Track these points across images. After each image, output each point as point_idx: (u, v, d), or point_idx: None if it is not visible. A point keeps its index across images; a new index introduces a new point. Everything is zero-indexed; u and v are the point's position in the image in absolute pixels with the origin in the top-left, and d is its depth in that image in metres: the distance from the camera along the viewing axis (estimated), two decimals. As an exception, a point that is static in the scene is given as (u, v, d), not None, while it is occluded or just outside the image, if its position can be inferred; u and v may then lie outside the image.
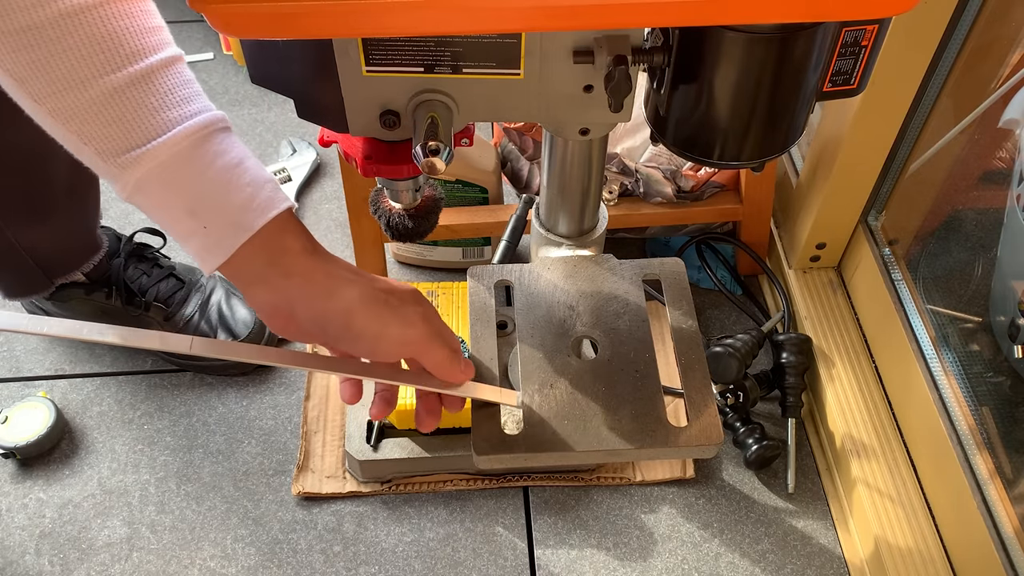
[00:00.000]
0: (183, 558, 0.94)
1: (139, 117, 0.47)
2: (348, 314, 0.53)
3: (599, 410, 0.61)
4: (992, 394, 0.88)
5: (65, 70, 0.45)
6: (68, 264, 1.00)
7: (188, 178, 0.49)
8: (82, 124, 0.47)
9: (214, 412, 1.05)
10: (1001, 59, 0.88)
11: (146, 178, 0.48)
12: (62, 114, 0.46)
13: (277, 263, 0.51)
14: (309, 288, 0.52)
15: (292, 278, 0.52)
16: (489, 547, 0.95)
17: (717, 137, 0.55)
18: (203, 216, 0.49)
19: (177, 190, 0.49)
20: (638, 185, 1.05)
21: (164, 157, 0.48)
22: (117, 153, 0.47)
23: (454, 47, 0.53)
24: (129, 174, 0.48)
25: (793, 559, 0.95)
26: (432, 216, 0.67)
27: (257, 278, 0.52)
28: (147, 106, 0.47)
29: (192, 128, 0.48)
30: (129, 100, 0.46)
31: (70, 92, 0.46)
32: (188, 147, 0.48)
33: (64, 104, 0.46)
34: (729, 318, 1.15)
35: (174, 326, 1.05)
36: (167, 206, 0.49)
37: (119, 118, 0.47)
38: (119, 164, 0.47)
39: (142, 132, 0.47)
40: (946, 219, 1.03)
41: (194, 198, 0.49)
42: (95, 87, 0.46)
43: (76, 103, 0.46)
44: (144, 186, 0.48)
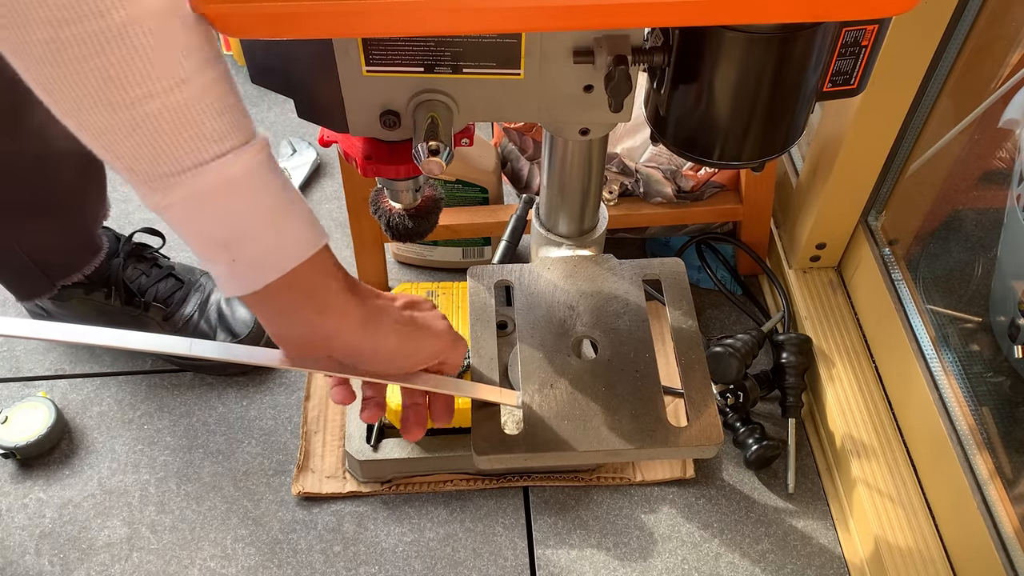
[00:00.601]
0: (183, 558, 0.94)
1: (174, 145, 0.44)
2: (384, 343, 0.55)
3: (599, 410, 0.61)
4: (992, 394, 0.88)
5: (96, 86, 0.42)
6: (71, 266, 1.00)
7: (221, 211, 0.46)
8: (113, 143, 0.44)
9: (214, 412, 1.05)
10: (1001, 59, 0.88)
11: (177, 204, 0.45)
12: (91, 130, 0.43)
13: (310, 300, 0.51)
14: (344, 324, 0.53)
15: (327, 315, 0.52)
16: (489, 547, 0.95)
17: (717, 137, 0.55)
18: (234, 250, 0.47)
19: (209, 221, 0.46)
20: (638, 185, 1.05)
21: (199, 187, 0.45)
22: (148, 177, 0.44)
23: (454, 47, 0.53)
24: (159, 197, 0.45)
25: (793, 559, 0.95)
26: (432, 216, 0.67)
27: (286, 312, 0.52)
28: (183, 133, 0.44)
29: (231, 160, 0.45)
30: (164, 124, 0.43)
31: (100, 110, 0.42)
32: (224, 180, 0.45)
33: (93, 121, 0.43)
34: (729, 318, 1.15)
35: (173, 326, 1.05)
36: (196, 233, 0.47)
37: (151, 142, 0.43)
38: (151, 186, 0.45)
39: (176, 160, 0.44)
40: (946, 219, 1.03)
41: (226, 232, 0.47)
42: (130, 109, 0.42)
43: (108, 122, 0.43)
44: (174, 210, 0.46)
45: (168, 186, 0.44)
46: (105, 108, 0.42)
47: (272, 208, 0.47)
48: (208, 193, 0.45)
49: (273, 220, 0.47)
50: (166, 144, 0.43)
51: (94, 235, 1.01)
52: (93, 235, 1.01)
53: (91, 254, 1.01)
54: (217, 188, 0.45)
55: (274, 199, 0.47)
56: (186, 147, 0.44)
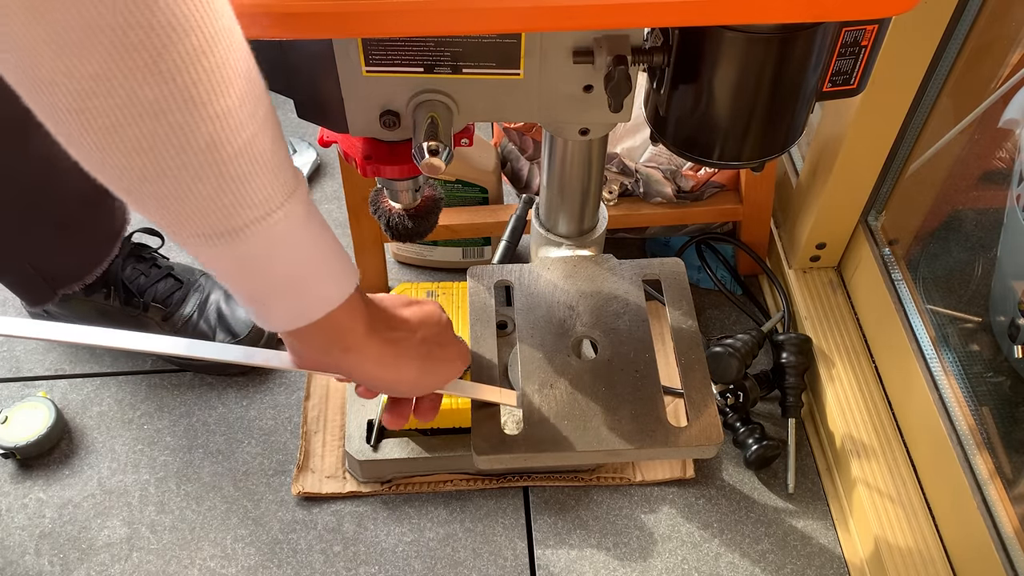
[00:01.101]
0: (183, 558, 0.94)
1: (211, 216, 0.41)
2: (403, 377, 0.57)
3: (599, 410, 0.61)
4: (992, 394, 0.88)
5: (135, 136, 0.38)
6: (73, 276, 0.99)
7: (254, 270, 0.45)
8: (135, 201, 0.41)
9: (214, 412, 1.05)
10: (1001, 59, 0.88)
11: (212, 261, 0.44)
12: (112, 184, 0.41)
13: (336, 341, 0.52)
14: (366, 361, 0.55)
15: (349, 353, 0.53)
16: (489, 547, 0.95)
17: (717, 137, 0.55)
18: (264, 301, 0.48)
19: (241, 277, 0.46)
20: (638, 185, 1.05)
21: (238, 251, 0.43)
22: (183, 239, 0.42)
23: (454, 47, 0.53)
24: (192, 249, 0.43)
25: (793, 559, 0.95)
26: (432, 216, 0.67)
27: (311, 347, 0.53)
28: (230, 195, 0.41)
29: (275, 220, 0.43)
30: (203, 188, 0.40)
31: (139, 157, 0.39)
32: (266, 241, 0.43)
33: (124, 171, 0.40)
34: (729, 318, 1.15)
35: (173, 326, 1.05)
36: (227, 280, 0.46)
37: (185, 210, 0.41)
38: (183, 241, 0.43)
39: (220, 223, 0.42)
40: (946, 219, 1.03)
41: (257, 287, 0.46)
42: (178, 171, 0.39)
43: (128, 184, 0.40)
44: (205, 260, 0.44)
45: (207, 244, 0.42)
46: (148, 165, 0.39)
47: (305, 261, 0.47)
48: (250, 251, 0.44)
49: (307, 273, 0.47)
50: (210, 209, 0.41)
51: (102, 245, 1.01)
52: (101, 245, 1.00)
53: (94, 265, 1.00)
54: (258, 249, 0.44)
55: (307, 251, 0.47)
56: (232, 210, 0.41)
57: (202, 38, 0.36)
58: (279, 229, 0.44)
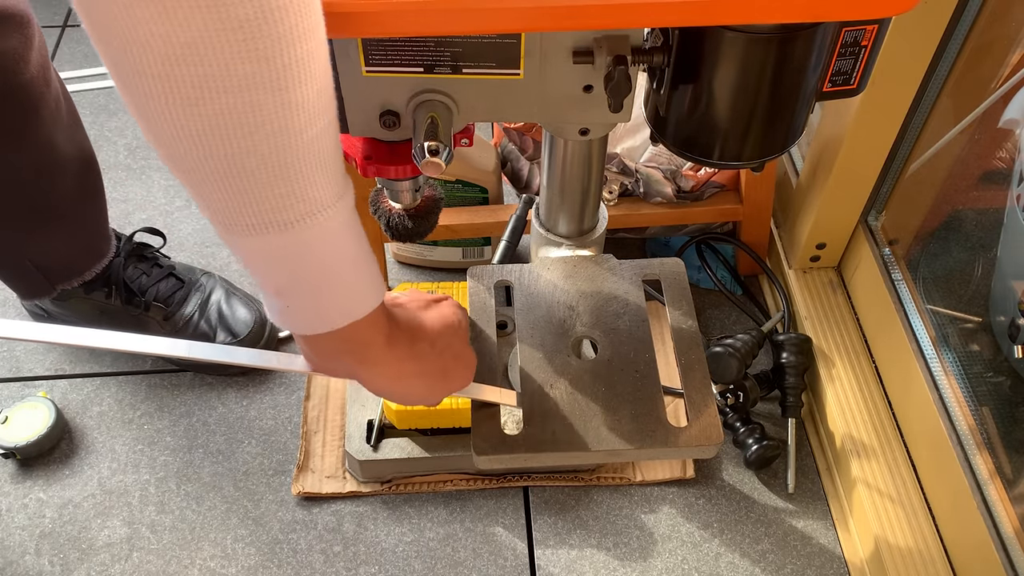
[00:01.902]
0: (183, 558, 0.94)
1: (254, 204, 0.42)
2: (412, 393, 0.57)
3: (599, 410, 0.61)
4: (992, 394, 0.88)
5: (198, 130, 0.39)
6: (71, 271, 1.00)
7: (290, 264, 0.45)
8: (192, 181, 0.41)
9: (214, 412, 1.05)
10: (1001, 59, 0.88)
11: (256, 250, 0.44)
12: (176, 163, 0.41)
13: (354, 352, 0.52)
14: (380, 375, 0.55)
15: (365, 365, 0.53)
16: (489, 547, 0.95)
17: (717, 137, 0.55)
18: (289, 298, 0.48)
19: (276, 268, 0.46)
20: (638, 185, 1.05)
21: (282, 241, 0.44)
22: (228, 226, 0.43)
23: (454, 47, 0.53)
24: (233, 239, 0.44)
25: (793, 559, 0.95)
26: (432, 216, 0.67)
27: (327, 354, 0.52)
28: (287, 186, 0.41)
29: (323, 219, 0.44)
30: (265, 174, 0.41)
31: (214, 150, 0.40)
32: (303, 239, 0.44)
33: (183, 162, 0.40)
34: (729, 318, 1.15)
35: (174, 326, 1.05)
36: (260, 270, 0.46)
37: (250, 192, 0.41)
38: (227, 230, 0.43)
39: (271, 214, 0.42)
40: (946, 219, 1.03)
41: (288, 282, 0.46)
42: (227, 161, 0.40)
43: (191, 160, 0.40)
44: (247, 252, 0.45)
45: (243, 233, 0.43)
46: (222, 150, 0.39)
47: (339, 266, 0.47)
48: (284, 248, 0.44)
49: (335, 276, 0.47)
50: (254, 200, 0.41)
51: (96, 241, 1.01)
52: (95, 241, 1.01)
53: (94, 259, 1.01)
54: (296, 247, 0.44)
55: (342, 257, 0.47)
56: (285, 202, 0.42)
57: (301, 25, 0.37)
58: (324, 228, 0.44)
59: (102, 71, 1.46)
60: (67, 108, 0.91)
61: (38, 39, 0.83)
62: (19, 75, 0.80)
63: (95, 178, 0.98)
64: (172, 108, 0.37)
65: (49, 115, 0.86)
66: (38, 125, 0.85)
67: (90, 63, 1.48)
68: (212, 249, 1.21)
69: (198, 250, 1.21)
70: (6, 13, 0.77)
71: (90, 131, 0.96)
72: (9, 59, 0.79)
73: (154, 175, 1.31)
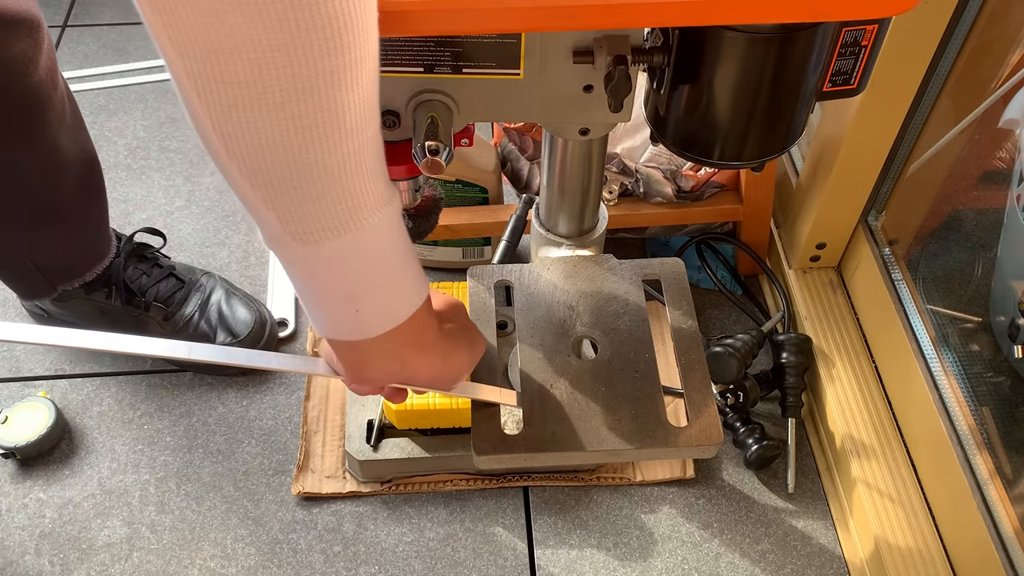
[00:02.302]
0: (183, 558, 0.94)
1: (332, 205, 0.42)
2: (454, 369, 0.57)
3: (599, 410, 0.61)
4: (992, 394, 0.88)
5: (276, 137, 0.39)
6: (72, 272, 1.00)
7: (363, 266, 0.46)
8: (272, 191, 0.41)
9: (214, 412, 1.05)
10: (1001, 59, 0.88)
11: (321, 259, 0.45)
12: (254, 176, 0.41)
13: (414, 342, 0.52)
14: (432, 358, 0.55)
15: (424, 352, 0.54)
16: (489, 547, 0.95)
17: (717, 137, 0.55)
18: (360, 302, 0.48)
19: (348, 275, 0.46)
20: (638, 185, 1.05)
21: (349, 245, 0.44)
22: (303, 235, 0.43)
23: (454, 47, 0.53)
24: (304, 249, 0.44)
25: (793, 559, 0.95)
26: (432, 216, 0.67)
27: (386, 354, 0.52)
28: (352, 190, 0.42)
29: (380, 220, 0.45)
30: (334, 183, 0.41)
31: (269, 154, 0.40)
32: (373, 239, 0.45)
33: (261, 170, 0.40)
34: (729, 318, 1.15)
35: (174, 326, 1.05)
36: (328, 281, 0.47)
37: (320, 196, 0.42)
38: (298, 238, 0.43)
39: (338, 218, 0.43)
40: (946, 219, 1.03)
41: (359, 284, 0.47)
42: (303, 161, 0.40)
43: (284, 170, 0.40)
44: (312, 263, 0.45)
45: (318, 240, 0.43)
46: (290, 156, 0.39)
47: (401, 260, 0.48)
48: (358, 248, 0.45)
49: (398, 270, 0.48)
50: (333, 201, 0.42)
51: (97, 241, 1.01)
52: (96, 241, 1.01)
53: (95, 260, 1.01)
54: (366, 245, 0.45)
55: (402, 250, 0.48)
56: (350, 205, 0.42)
57: (371, 15, 0.38)
58: (390, 222, 0.45)
59: (102, 71, 1.47)
60: (71, 109, 0.91)
61: (47, 42, 0.83)
62: (28, 78, 0.81)
63: (97, 179, 0.98)
64: (258, 115, 0.37)
65: (55, 117, 0.86)
66: (44, 127, 0.86)
67: (90, 63, 1.48)
68: (212, 249, 1.21)
69: (198, 250, 1.21)
70: (18, 17, 0.78)
71: (90, 131, 0.96)
72: (19, 62, 0.80)
73: (154, 175, 1.31)
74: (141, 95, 1.43)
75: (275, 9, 0.34)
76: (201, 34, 0.35)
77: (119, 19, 1.57)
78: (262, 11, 0.34)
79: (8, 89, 0.80)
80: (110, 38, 1.53)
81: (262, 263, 1.20)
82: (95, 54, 1.50)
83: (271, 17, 0.34)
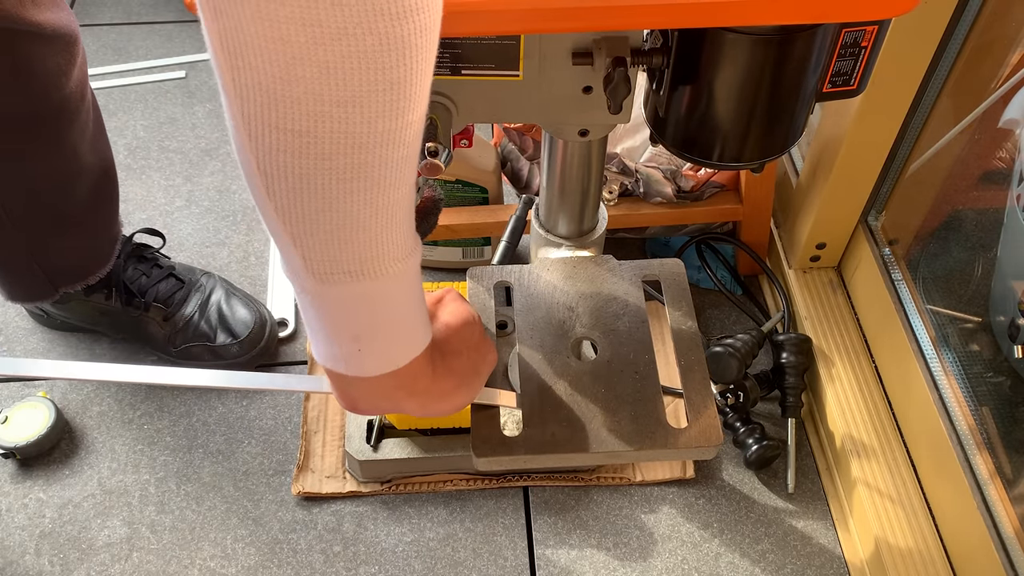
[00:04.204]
0: (183, 558, 0.94)
1: (357, 251, 0.43)
2: (457, 403, 0.57)
3: (599, 412, 0.61)
4: (992, 394, 0.88)
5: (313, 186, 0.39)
6: (76, 276, 0.99)
7: (375, 310, 0.47)
8: (303, 231, 0.42)
9: (214, 412, 1.05)
10: (1001, 59, 0.88)
11: (337, 297, 0.45)
12: (287, 214, 0.41)
13: (406, 386, 0.53)
14: (426, 400, 0.55)
15: (415, 396, 0.54)
16: (489, 547, 0.95)
17: (717, 138, 0.55)
18: (364, 342, 0.48)
19: (360, 316, 0.47)
20: (638, 185, 1.05)
21: (367, 289, 0.45)
22: (324, 276, 0.44)
23: (453, 49, 0.53)
24: (324, 288, 0.44)
25: (793, 559, 0.95)
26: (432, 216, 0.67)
27: (380, 393, 0.53)
28: (382, 238, 0.43)
29: (401, 269, 0.45)
30: (363, 231, 0.42)
31: (305, 199, 0.40)
32: (391, 286, 0.45)
33: (296, 211, 0.41)
34: (729, 318, 1.15)
35: (173, 326, 1.05)
36: (339, 319, 0.47)
37: (347, 244, 0.42)
38: (317, 277, 0.44)
39: (362, 263, 0.43)
40: (946, 219, 1.02)
41: (366, 327, 0.47)
42: (333, 208, 0.41)
43: (308, 212, 0.41)
44: (327, 299, 0.45)
45: (337, 281, 0.44)
46: (327, 201, 0.40)
47: (412, 308, 0.49)
48: (374, 294, 0.45)
49: (406, 319, 0.49)
50: (359, 248, 0.42)
51: (104, 246, 1.01)
52: (103, 246, 1.01)
53: (100, 264, 1.01)
54: (382, 292, 0.45)
55: (415, 299, 0.49)
56: (374, 253, 0.43)
57: (422, 94, 0.38)
58: (410, 270, 0.46)
59: (102, 71, 1.47)
60: (95, 117, 0.92)
61: (81, 56, 0.85)
62: (60, 91, 0.83)
63: (111, 186, 0.98)
64: (305, 162, 0.38)
65: (79, 127, 0.88)
66: (68, 137, 0.87)
67: (90, 63, 1.48)
68: (212, 249, 1.21)
69: (198, 250, 1.21)
70: (57, 32, 0.79)
71: (90, 131, 0.96)
72: (53, 76, 0.81)
73: (154, 175, 1.31)
74: (141, 95, 1.43)
75: (344, 68, 0.35)
76: (267, 82, 0.35)
77: (119, 19, 1.57)
78: (332, 69, 0.34)
79: (40, 101, 0.82)
80: (110, 38, 1.53)
81: (262, 263, 1.20)
82: (95, 54, 1.50)
83: (339, 75, 0.35)
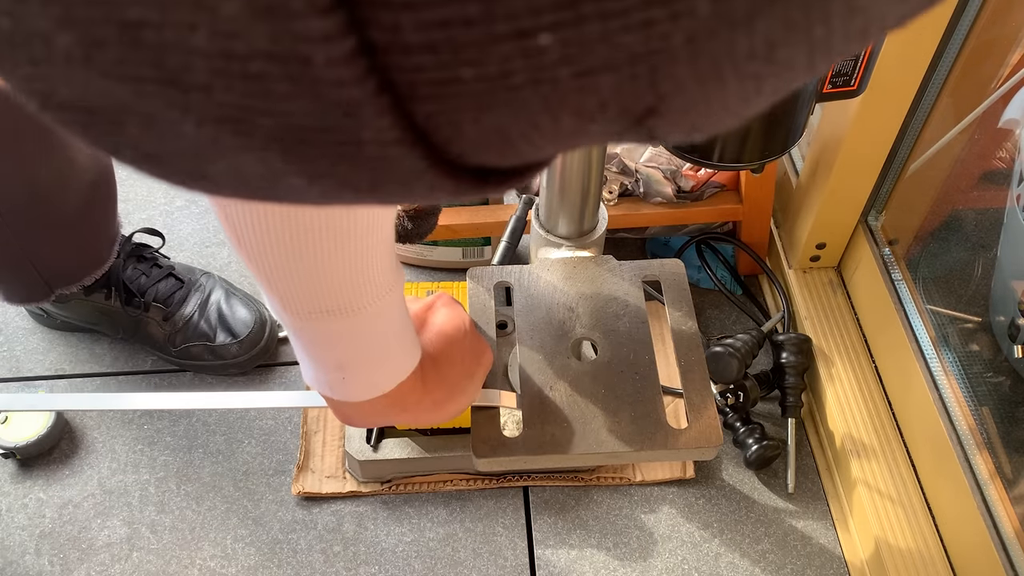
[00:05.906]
0: (183, 558, 0.94)
1: (333, 295, 0.43)
2: (452, 411, 0.58)
3: (599, 412, 0.61)
4: (992, 394, 0.88)
5: None
6: (72, 277, 0.99)
7: (355, 341, 0.47)
8: (275, 278, 0.42)
9: (214, 412, 1.05)
10: (1001, 59, 0.88)
11: (319, 331, 0.45)
12: (259, 263, 0.41)
13: (396, 404, 0.53)
14: (418, 414, 0.56)
15: (405, 412, 0.54)
16: (489, 547, 0.95)
17: (717, 139, 0.55)
18: (347, 371, 0.49)
19: (341, 347, 0.47)
20: (638, 185, 1.05)
21: (346, 325, 0.45)
22: (301, 313, 0.44)
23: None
24: (301, 323, 0.45)
25: (793, 559, 0.95)
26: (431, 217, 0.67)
27: (370, 413, 0.53)
28: (357, 281, 0.43)
29: (383, 305, 0.45)
30: (335, 277, 0.42)
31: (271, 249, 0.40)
32: (371, 319, 0.45)
33: (267, 261, 0.41)
34: (729, 318, 1.15)
35: (173, 326, 1.05)
36: (321, 350, 0.47)
37: (323, 284, 0.42)
38: (299, 317, 0.44)
39: (338, 302, 0.43)
40: (946, 219, 1.03)
41: (350, 357, 0.48)
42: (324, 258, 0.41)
43: (278, 261, 0.41)
44: (309, 333, 0.46)
45: (316, 319, 0.44)
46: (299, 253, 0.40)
47: (395, 337, 0.49)
48: (354, 329, 0.45)
49: (389, 347, 0.49)
50: (334, 292, 0.43)
51: (101, 249, 1.01)
52: (100, 248, 1.01)
53: (97, 265, 1.01)
54: (362, 326, 0.46)
55: (397, 329, 0.49)
56: (351, 296, 0.43)
57: None
58: (393, 302, 0.46)
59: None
60: None
61: None
62: None
63: (108, 187, 0.98)
64: (271, 220, 0.38)
65: None
66: (69, 141, 0.86)
67: (90, 62, 1.48)
68: (212, 249, 1.21)
69: (198, 250, 1.21)
70: None
71: (90, 131, 0.96)
72: None
73: (154, 175, 1.31)
74: (141, 94, 1.43)
75: None
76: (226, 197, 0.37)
77: (119, 18, 1.57)
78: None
79: None
80: (110, 37, 1.53)
81: (262, 263, 1.20)
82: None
83: None
